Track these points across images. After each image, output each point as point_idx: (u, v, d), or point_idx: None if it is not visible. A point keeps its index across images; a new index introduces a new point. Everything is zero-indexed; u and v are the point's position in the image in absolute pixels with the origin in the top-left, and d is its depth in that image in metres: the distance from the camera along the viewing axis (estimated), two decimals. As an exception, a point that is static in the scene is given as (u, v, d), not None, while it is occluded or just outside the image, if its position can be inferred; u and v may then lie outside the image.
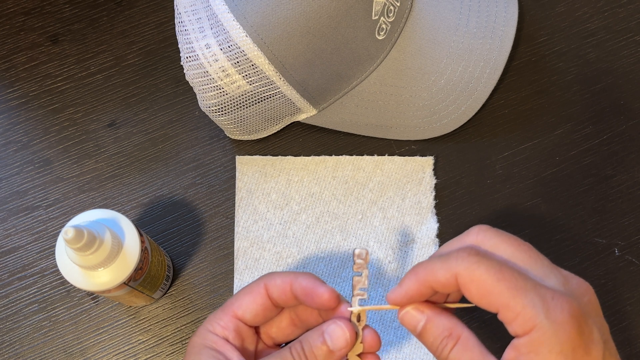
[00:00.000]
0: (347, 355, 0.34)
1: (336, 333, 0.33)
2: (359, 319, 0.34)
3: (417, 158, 0.55)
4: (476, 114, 0.55)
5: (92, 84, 0.59)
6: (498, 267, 0.30)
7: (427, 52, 0.55)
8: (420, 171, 0.54)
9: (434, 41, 0.55)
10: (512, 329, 0.30)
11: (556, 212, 0.54)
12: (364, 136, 0.56)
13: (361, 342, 0.34)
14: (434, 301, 0.34)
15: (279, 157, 0.55)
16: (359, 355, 0.34)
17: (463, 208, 0.54)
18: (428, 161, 0.55)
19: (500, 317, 0.30)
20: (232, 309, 0.36)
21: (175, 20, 0.50)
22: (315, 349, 0.33)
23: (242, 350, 0.35)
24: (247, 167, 0.55)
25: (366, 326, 0.34)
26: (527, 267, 0.32)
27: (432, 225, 0.53)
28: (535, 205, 0.54)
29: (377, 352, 0.35)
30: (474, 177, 0.55)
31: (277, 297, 0.36)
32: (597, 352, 0.30)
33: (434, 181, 0.54)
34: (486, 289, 0.30)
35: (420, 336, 0.33)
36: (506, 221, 0.54)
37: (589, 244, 0.53)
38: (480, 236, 0.33)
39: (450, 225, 0.54)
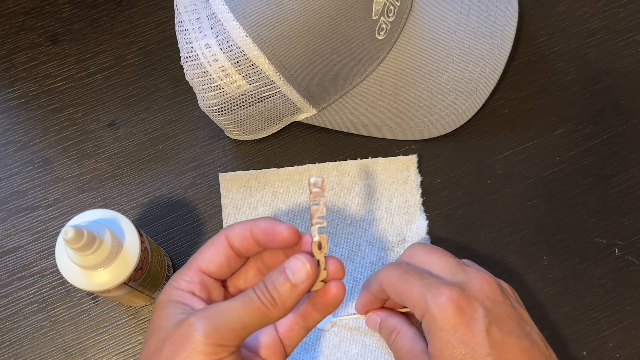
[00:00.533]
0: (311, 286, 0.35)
1: (297, 266, 0.34)
2: (320, 247, 0.35)
3: (401, 157, 0.55)
4: (476, 113, 0.55)
5: (91, 83, 0.59)
6: (404, 270, 0.40)
7: (427, 52, 0.55)
8: (404, 170, 0.54)
9: (434, 41, 0.55)
10: (417, 317, 0.39)
11: (556, 212, 0.54)
12: (364, 136, 0.56)
13: (324, 269, 0.35)
14: (390, 306, 0.44)
15: (262, 170, 0.55)
16: (323, 282, 0.35)
17: (463, 208, 0.54)
18: (412, 159, 0.55)
19: (409, 310, 0.40)
20: (196, 264, 0.36)
21: (175, 20, 0.50)
22: (278, 285, 0.34)
23: (209, 302, 0.36)
24: (232, 183, 0.54)
25: (329, 256, 0.36)
26: (437, 270, 0.40)
27: (421, 222, 0.53)
28: (536, 205, 0.54)
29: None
30: (474, 177, 0.55)
31: (239, 245, 0.36)
32: (479, 328, 0.36)
33: (420, 179, 0.54)
34: (396, 289, 0.40)
35: (379, 332, 0.43)
36: (506, 221, 0.54)
37: (589, 244, 0.53)
38: (411, 251, 0.42)
39: (450, 225, 0.54)
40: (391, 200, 0.54)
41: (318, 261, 0.35)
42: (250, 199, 0.54)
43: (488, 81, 0.55)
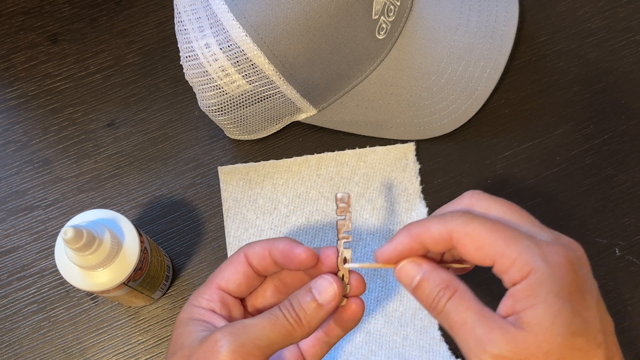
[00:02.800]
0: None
1: (323, 286, 0.34)
2: (345, 262, 0.35)
3: (399, 145, 0.55)
4: (476, 113, 0.55)
5: (91, 83, 0.59)
6: (491, 221, 0.31)
7: (427, 52, 0.55)
8: (403, 158, 0.55)
9: (434, 41, 0.55)
10: (508, 277, 0.30)
11: (557, 212, 0.54)
12: (364, 136, 0.56)
13: (348, 284, 0.35)
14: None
15: (261, 162, 0.55)
16: (345, 296, 0.36)
17: (463, 208, 0.54)
18: (409, 147, 0.55)
19: (496, 268, 0.31)
20: (216, 282, 0.36)
21: (175, 19, 0.50)
22: (304, 304, 0.34)
23: (229, 320, 0.36)
24: (231, 177, 0.54)
25: (351, 272, 0.36)
26: (519, 225, 0.32)
27: (421, 210, 0.53)
28: (536, 205, 0.54)
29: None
30: (475, 177, 0.55)
31: (258, 264, 0.36)
32: (591, 299, 0.30)
33: (418, 166, 0.55)
34: (481, 241, 0.31)
35: (415, 290, 0.33)
36: (506, 221, 0.54)
37: (589, 244, 0.53)
38: (473, 199, 0.34)
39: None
40: (390, 189, 0.54)
41: (342, 275, 0.35)
42: (250, 192, 0.54)
43: (488, 81, 0.55)
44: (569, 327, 0.29)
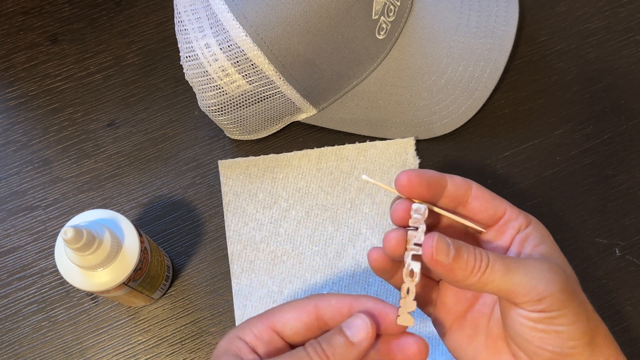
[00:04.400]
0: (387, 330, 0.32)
1: (356, 323, 0.31)
2: (412, 275, 0.33)
3: (398, 140, 0.55)
4: (476, 113, 0.55)
5: (91, 83, 0.59)
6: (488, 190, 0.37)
7: (427, 52, 0.55)
8: (403, 153, 0.55)
9: (434, 41, 0.55)
10: (518, 222, 0.35)
11: (557, 212, 0.54)
12: (364, 136, 0.56)
13: (414, 300, 0.33)
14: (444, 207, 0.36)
15: (261, 156, 0.55)
16: (410, 314, 0.32)
17: (463, 208, 0.54)
18: (409, 142, 0.55)
19: (508, 216, 0.36)
20: (272, 320, 0.33)
21: (175, 19, 0.50)
22: (333, 341, 0.31)
23: None
24: (231, 170, 0.55)
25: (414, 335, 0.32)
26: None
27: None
28: (536, 205, 0.54)
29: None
30: (475, 177, 0.54)
31: (330, 319, 0.33)
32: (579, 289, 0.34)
33: (418, 161, 0.55)
34: (494, 196, 0.36)
35: (454, 260, 0.33)
36: (506, 221, 0.54)
37: (589, 244, 0.53)
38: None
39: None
40: (390, 184, 0.54)
41: (408, 289, 0.33)
42: (250, 186, 0.54)
43: (488, 81, 0.55)
44: (562, 258, 0.35)
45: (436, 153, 0.56)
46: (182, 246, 0.53)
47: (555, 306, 0.31)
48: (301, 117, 0.55)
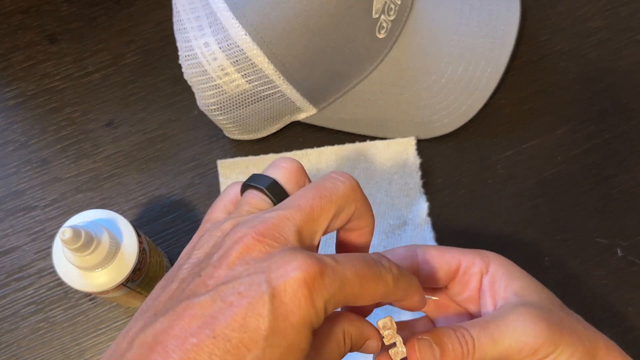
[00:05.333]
0: None
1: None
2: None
3: (399, 140, 0.55)
4: (477, 113, 0.55)
5: (90, 83, 0.59)
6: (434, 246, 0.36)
7: (428, 51, 0.55)
8: (403, 153, 0.54)
9: (434, 40, 0.55)
10: (477, 267, 0.35)
11: (558, 212, 0.54)
12: (364, 136, 0.56)
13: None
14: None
15: (261, 156, 0.55)
16: None
17: (464, 208, 0.54)
18: (410, 142, 0.55)
19: (464, 264, 0.35)
20: None
21: (174, 19, 0.49)
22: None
23: None
24: (230, 170, 0.54)
25: None
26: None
27: (422, 205, 0.53)
28: (537, 206, 0.54)
29: None
30: (475, 177, 0.55)
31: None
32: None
33: (419, 161, 0.54)
34: (442, 250, 0.35)
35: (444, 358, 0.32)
36: (507, 221, 0.53)
37: (590, 244, 0.53)
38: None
39: (450, 225, 0.53)
40: (391, 184, 0.54)
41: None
42: None
43: (489, 81, 0.54)
44: (534, 284, 0.34)
45: (436, 153, 0.56)
46: (181, 246, 0.53)
47: (550, 349, 0.32)
48: (301, 116, 0.55)
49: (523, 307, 0.32)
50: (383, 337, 0.31)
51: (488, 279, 0.35)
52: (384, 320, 0.31)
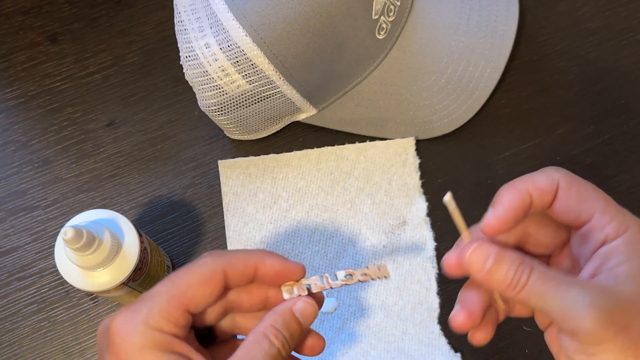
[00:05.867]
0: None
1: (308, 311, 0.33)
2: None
3: (399, 140, 0.55)
4: (477, 113, 0.55)
5: (91, 83, 0.59)
6: (590, 184, 0.33)
7: (427, 52, 0.55)
8: (403, 153, 0.55)
9: (434, 40, 0.55)
10: (603, 234, 0.31)
11: (557, 212, 0.54)
12: (364, 136, 0.56)
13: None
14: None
15: (261, 156, 0.55)
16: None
17: (463, 208, 0.54)
18: (410, 142, 0.55)
19: (593, 223, 0.31)
20: (183, 303, 0.31)
21: (175, 19, 0.50)
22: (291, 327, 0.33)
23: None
24: (231, 170, 0.54)
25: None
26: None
27: (421, 204, 0.53)
28: (536, 205, 0.54)
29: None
30: (475, 177, 0.55)
31: (236, 282, 0.33)
32: None
33: (418, 161, 0.55)
34: (586, 194, 0.32)
35: (490, 273, 0.31)
36: (507, 221, 0.53)
37: (590, 244, 0.53)
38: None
39: (450, 225, 0.53)
40: (390, 184, 0.54)
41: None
42: (250, 186, 0.54)
43: (489, 81, 0.54)
44: None
45: (436, 153, 0.56)
46: (182, 246, 0.53)
47: (593, 341, 0.29)
48: (301, 117, 0.55)
49: (596, 290, 0.29)
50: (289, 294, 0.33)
51: (605, 250, 0.31)
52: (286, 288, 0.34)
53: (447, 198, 0.32)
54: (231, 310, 0.35)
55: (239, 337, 0.36)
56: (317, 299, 0.35)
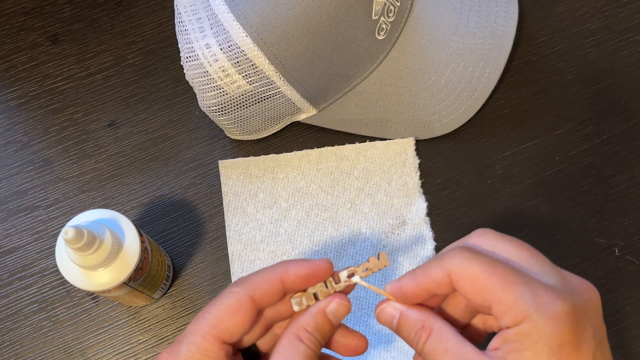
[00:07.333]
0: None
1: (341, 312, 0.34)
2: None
3: (398, 140, 0.55)
4: (476, 114, 0.55)
5: (92, 83, 0.59)
6: (491, 262, 0.31)
7: (427, 52, 0.55)
8: (402, 153, 0.55)
9: (434, 41, 0.55)
10: (503, 322, 0.30)
11: (556, 212, 0.54)
12: (364, 136, 0.56)
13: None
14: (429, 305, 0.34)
15: (262, 156, 0.55)
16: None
17: (463, 208, 0.54)
18: (409, 142, 0.55)
19: (493, 312, 0.31)
20: (217, 336, 0.31)
21: (175, 20, 0.50)
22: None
23: None
24: (231, 170, 0.55)
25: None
26: (526, 266, 0.32)
27: (421, 204, 0.53)
28: (536, 206, 0.54)
29: None
30: (474, 177, 0.55)
31: (268, 302, 0.33)
32: (587, 350, 0.30)
33: (418, 161, 0.55)
34: (479, 285, 0.30)
35: (397, 331, 0.33)
36: (506, 221, 0.54)
37: (589, 244, 0.53)
38: (481, 238, 0.33)
39: (450, 225, 0.54)
40: (390, 183, 0.54)
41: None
42: (251, 186, 0.54)
43: (488, 81, 0.55)
44: None
45: (436, 153, 0.56)
46: (183, 246, 0.54)
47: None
48: (301, 117, 0.55)
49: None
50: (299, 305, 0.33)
51: (504, 334, 0.31)
52: (296, 300, 0.34)
53: (357, 279, 0.34)
54: (273, 324, 0.35)
55: None
56: (348, 291, 0.35)
